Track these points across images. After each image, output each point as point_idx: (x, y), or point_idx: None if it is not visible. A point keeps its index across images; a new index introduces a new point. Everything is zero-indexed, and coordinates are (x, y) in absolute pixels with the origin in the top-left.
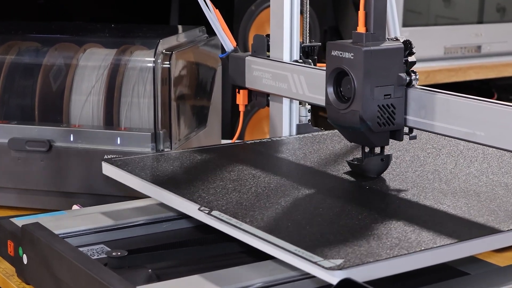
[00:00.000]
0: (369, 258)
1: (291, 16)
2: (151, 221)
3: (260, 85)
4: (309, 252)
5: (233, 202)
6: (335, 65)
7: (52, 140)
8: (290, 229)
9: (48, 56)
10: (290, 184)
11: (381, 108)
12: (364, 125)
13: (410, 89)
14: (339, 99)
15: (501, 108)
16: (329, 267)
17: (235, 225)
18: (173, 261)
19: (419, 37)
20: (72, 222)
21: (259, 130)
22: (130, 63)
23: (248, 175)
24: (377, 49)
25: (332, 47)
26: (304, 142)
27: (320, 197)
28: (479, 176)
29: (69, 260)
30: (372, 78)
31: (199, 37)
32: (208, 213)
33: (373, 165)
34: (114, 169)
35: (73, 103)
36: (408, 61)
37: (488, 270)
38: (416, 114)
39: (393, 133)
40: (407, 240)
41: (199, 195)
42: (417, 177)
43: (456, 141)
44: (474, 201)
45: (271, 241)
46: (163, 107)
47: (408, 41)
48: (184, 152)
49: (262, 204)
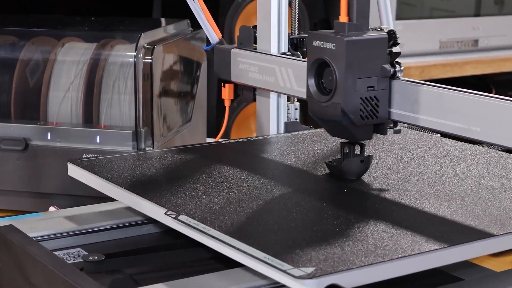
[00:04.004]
0: (342, 266)
1: (279, 6)
2: (129, 224)
3: (246, 79)
4: (279, 260)
5: (203, 206)
6: (316, 56)
7: (29, 138)
8: (261, 235)
9: (25, 51)
10: (265, 186)
11: (364, 100)
12: (346, 119)
13: (395, 81)
14: (320, 91)
15: (498, 103)
16: (299, 276)
17: (203, 230)
18: (151, 266)
19: (414, 30)
20: (48, 224)
21: (246, 127)
22: (111, 58)
23: (221, 177)
24: (360, 39)
25: (313, 37)
26: (282, 142)
27: (295, 201)
28: (464, 178)
29: (44, 265)
30: (354, 69)
31: (183, 30)
32: (175, 217)
33: (352, 166)
34: (79, 170)
35: (50, 100)
36: (393, 52)
37: (483, 275)
38: (401, 107)
39: (377, 126)
40: (384, 247)
41: (167, 198)
42: (399, 180)
43: (443, 142)
44: (458, 205)
45: (239, 247)
46: (144, 104)
47: (392, 31)
48: (157, 152)
49: (233, 208)
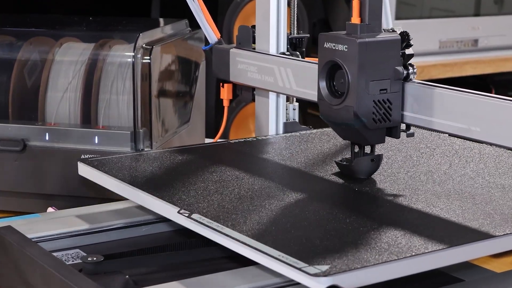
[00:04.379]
0: (356, 264)
1: (277, 6)
2: (129, 224)
3: (245, 79)
4: (294, 258)
5: (215, 204)
6: (327, 58)
7: (27, 139)
8: (274, 233)
9: (23, 51)
10: (275, 186)
11: (377, 103)
12: (359, 122)
13: (408, 84)
14: (332, 94)
15: (498, 103)
16: (314, 274)
17: (216, 229)
18: (152, 267)
19: (413, 30)
20: (47, 225)
21: (245, 128)
22: (109, 58)
23: (231, 176)
24: (373, 41)
25: (325, 38)
26: (291, 142)
27: (306, 200)
28: (474, 177)
29: (42, 266)
30: (367, 71)
31: (182, 30)
32: (188, 216)
33: (363, 165)
34: (90, 169)
35: (48, 100)
36: (406, 53)
37: (483, 276)
38: (414, 110)
39: (389, 130)
40: (397, 245)
41: (179, 197)
42: (409, 179)
43: (451, 140)
44: (469, 204)
45: (253, 246)
46: (143, 105)
47: (406, 33)
48: (164, 152)
49: (245, 207)
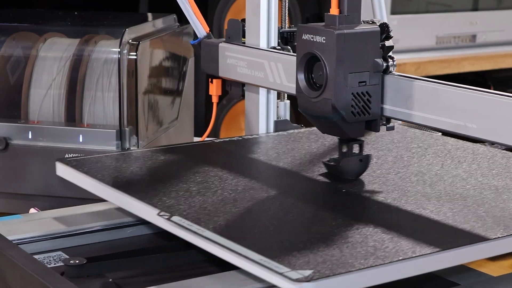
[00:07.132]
0: (340, 269)
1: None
2: (112, 226)
3: (234, 74)
4: (275, 262)
5: (196, 206)
6: (306, 49)
7: (9, 137)
8: (257, 236)
9: (5, 46)
10: (260, 187)
11: (356, 96)
12: (337, 115)
13: (387, 76)
14: (310, 87)
15: (495, 98)
16: (296, 279)
17: (197, 232)
18: (135, 270)
19: (409, 25)
20: (28, 227)
21: (236, 126)
22: (94, 54)
23: (215, 177)
24: (351, 33)
25: (303, 30)
26: (278, 141)
27: (291, 201)
28: (467, 178)
29: (23, 269)
30: (345, 63)
31: (170, 25)
32: (167, 218)
33: (351, 166)
34: (68, 169)
35: (32, 98)
36: (385, 45)
37: (479, 280)
38: (394, 103)
39: (369, 123)
40: (384, 249)
41: (160, 198)
42: (399, 180)
43: (444, 140)
44: (460, 206)
45: (234, 249)
46: (129, 102)
47: (385, 24)
48: (147, 151)
49: (228, 209)
